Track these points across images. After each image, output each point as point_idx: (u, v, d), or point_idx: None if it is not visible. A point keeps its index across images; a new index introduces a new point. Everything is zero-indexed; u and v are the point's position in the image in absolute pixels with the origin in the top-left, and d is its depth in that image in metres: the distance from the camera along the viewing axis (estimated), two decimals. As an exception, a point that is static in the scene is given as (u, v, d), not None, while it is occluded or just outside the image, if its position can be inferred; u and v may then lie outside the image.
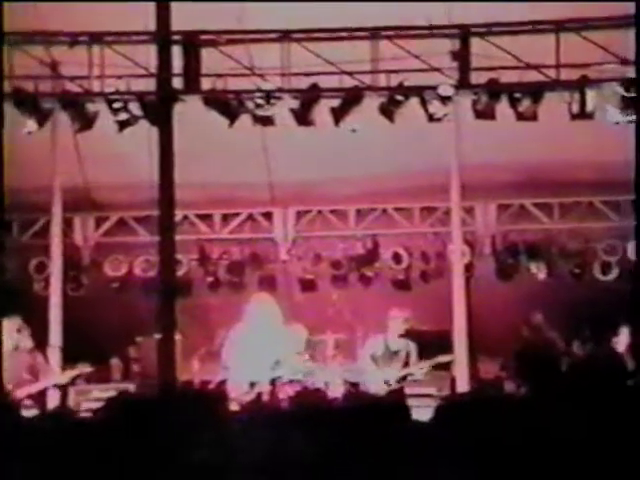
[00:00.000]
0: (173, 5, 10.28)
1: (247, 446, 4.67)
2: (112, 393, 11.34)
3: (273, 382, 11.77)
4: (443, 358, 12.47)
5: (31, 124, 11.66)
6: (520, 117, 11.76)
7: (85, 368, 11.47)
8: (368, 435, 4.31)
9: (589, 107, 11.63)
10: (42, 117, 11.72)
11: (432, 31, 11.78)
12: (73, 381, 11.81)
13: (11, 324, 11.04)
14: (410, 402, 11.59)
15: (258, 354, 11.83)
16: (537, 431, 3.20)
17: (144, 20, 10.75)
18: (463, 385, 12.09)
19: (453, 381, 12.50)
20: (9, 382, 10.03)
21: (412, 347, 12.66)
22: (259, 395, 11.72)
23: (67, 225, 13.76)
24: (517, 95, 11.71)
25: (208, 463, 3.83)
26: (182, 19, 10.75)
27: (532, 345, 13.03)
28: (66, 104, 11.81)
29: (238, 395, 11.71)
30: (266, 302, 12.45)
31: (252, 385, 11.73)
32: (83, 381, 12.36)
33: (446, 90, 11.66)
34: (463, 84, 11.74)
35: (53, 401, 11.28)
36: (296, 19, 11.79)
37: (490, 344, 13.36)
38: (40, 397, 10.83)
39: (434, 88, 11.68)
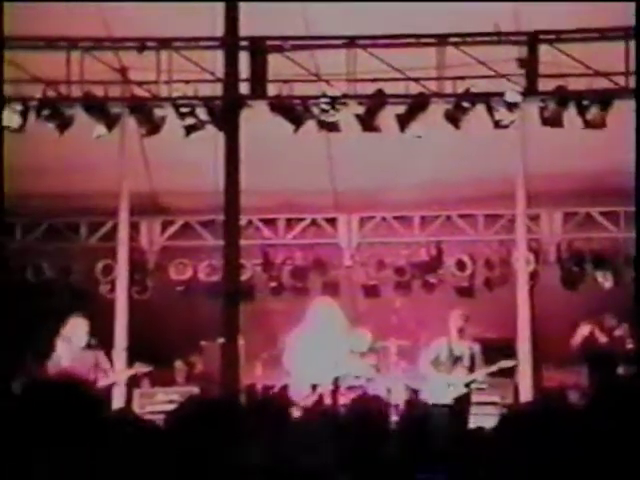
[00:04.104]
0: (240, 11, 10.38)
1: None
2: (176, 396, 11.62)
3: (335, 382, 11.77)
4: (505, 363, 12.38)
5: (100, 128, 11.78)
6: (588, 125, 11.63)
7: (142, 367, 11.60)
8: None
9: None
10: (111, 122, 11.84)
11: (499, 38, 11.72)
12: (134, 381, 11.93)
13: (83, 324, 11.32)
14: (474, 410, 11.64)
15: (320, 357, 11.85)
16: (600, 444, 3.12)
17: (211, 26, 10.85)
18: (526, 393, 11.99)
19: (516, 389, 12.41)
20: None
21: (477, 351, 12.57)
22: (321, 398, 11.73)
23: (133, 229, 13.90)
24: (585, 103, 11.59)
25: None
26: (249, 25, 10.83)
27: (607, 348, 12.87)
28: (134, 109, 11.92)
29: (300, 399, 11.76)
30: (328, 305, 12.47)
31: (314, 387, 11.75)
32: (147, 383, 12.50)
33: (513, 96, 11.56)
34: (530, 91, 11.65)
35: (118, 403, 11.40)
36: (362, 25, 11.79)
37: (554, 353, 13.25)
38: (106, 398, 10.95)
39: (501, 95, 11.61)
